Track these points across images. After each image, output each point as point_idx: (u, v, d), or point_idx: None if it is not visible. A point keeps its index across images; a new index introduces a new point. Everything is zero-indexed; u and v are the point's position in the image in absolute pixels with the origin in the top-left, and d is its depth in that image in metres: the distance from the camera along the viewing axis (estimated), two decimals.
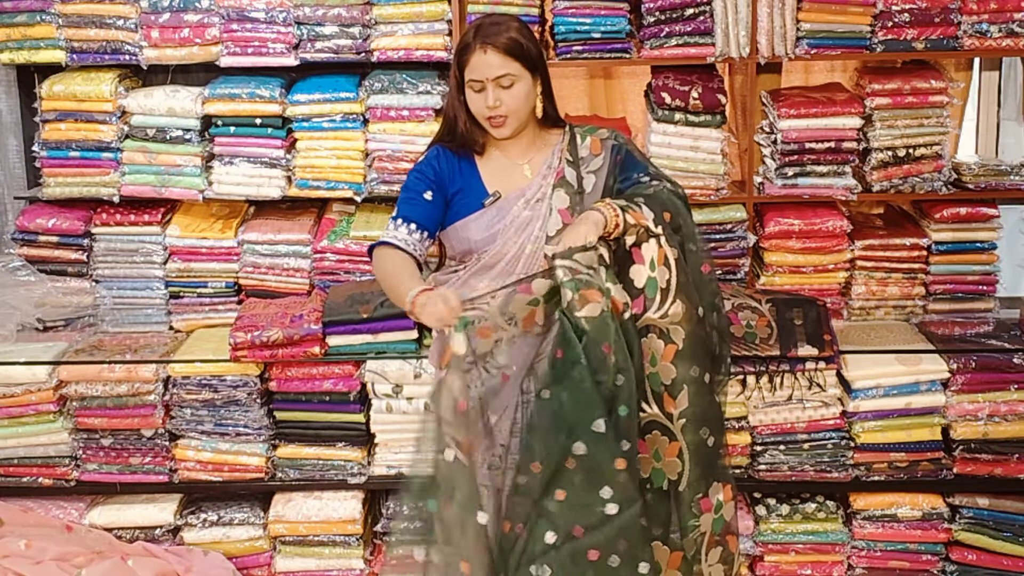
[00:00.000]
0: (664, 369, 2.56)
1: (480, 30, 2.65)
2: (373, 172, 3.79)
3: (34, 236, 3.89)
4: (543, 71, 2.72)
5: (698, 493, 2.59)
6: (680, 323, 2.56)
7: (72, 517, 3.65)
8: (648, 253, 2.56)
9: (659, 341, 2.55)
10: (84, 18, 3.77)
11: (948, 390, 3.54)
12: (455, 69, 2.70)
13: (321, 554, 3.65)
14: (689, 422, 2.57)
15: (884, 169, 3.76)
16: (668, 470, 2.58)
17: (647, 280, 2.55)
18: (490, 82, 2.63)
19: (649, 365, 2.56)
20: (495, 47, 2.62)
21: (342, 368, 3.58)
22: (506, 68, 2.63)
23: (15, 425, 3.61)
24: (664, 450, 2.58)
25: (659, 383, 2.56)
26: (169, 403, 3.61)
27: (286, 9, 3.75)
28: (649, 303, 2.54)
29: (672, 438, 2.58)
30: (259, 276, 3.87)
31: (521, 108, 2.68)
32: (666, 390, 2.56)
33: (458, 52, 2.68)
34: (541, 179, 2.75)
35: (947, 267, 3.84)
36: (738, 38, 3.70)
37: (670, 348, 2.55)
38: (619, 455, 2.42)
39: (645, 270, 2.55)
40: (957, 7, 3.68)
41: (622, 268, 2.57)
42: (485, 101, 2.65)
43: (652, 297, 2.54)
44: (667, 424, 2.57)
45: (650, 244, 2.56)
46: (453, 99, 2.74)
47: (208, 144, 3.82)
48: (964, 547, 3.59)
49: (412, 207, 2.72)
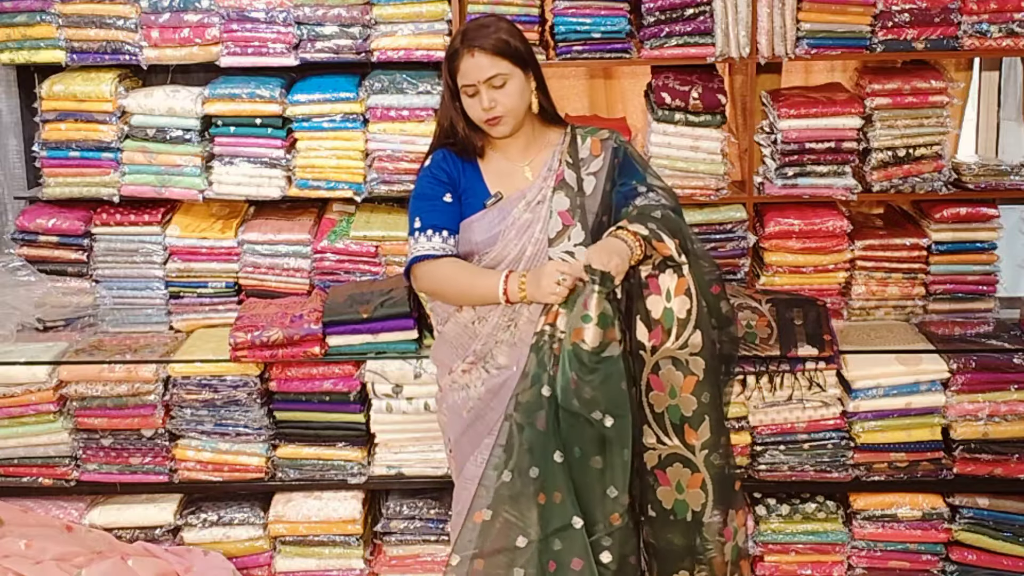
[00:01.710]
0: (685, 401, 2.56)
1: (466, 35, 2.67)
2: (373, 172, 3.79)
3: (34, 236, 3.89)
4: (534, 66, 2.72)
5: (721, 523, 2.61)
6: (700, 353, 2.55)
7: (72, 517, 3.65)
8: (665, 283, 2.55)
9: (678, 373, 2.55)
10: (84, 18, 3.77)
11: (948, 390, 3.54)
12: (447, 78, 2.71)
13: (321, 554, 3.65)
14: (711, 452, 2.58)
15: (884, 169, 3.76)
16: (692, 501, 2.59)
17: (663, 311, 2.54)
18: (482, 84, 2.64)
19: (668, 397, 2.56)
20: (482, 49, 2.63)
21: (342, 368, 3.58)
22: (496, 68, 2.64)
23: (15, 425, 3.60)
24: (687, 481, 2.59)
25: (679, 416, 2.56)
26: (169, 403, 3.61)
27: (286, 9, 3.75)
28: (667, 335, 2.54)
29: (694, 469, 2.58)
30: (259, 276, 3.87)
31: (516, 106, 2.68)
32: (687, 422, 2.56)
33: (447, 59, 2.70)
34: (542, 181, 2.75)
35: (947, 267, 3.84)
36: (738, 38, 3.70)
37: (690, 380, 2.55)
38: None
39: (662, 300, 2.54)
40: (957, 7, 3.68)
41: (636, 297, 2.56)
42: (480, 104, 2.66)
43: (669, 328, 2.53)
44: (689, 456, 2.57)
45: (667, 274, 2.55)
46: (448, 107, 2.74)
47: (208, 144, 3.82)
48: (964, 547, 3.58)
49: (438, 215, 2.72)
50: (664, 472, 2.59)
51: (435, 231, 2.70)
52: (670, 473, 2.59)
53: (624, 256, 2.50)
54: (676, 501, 2.59)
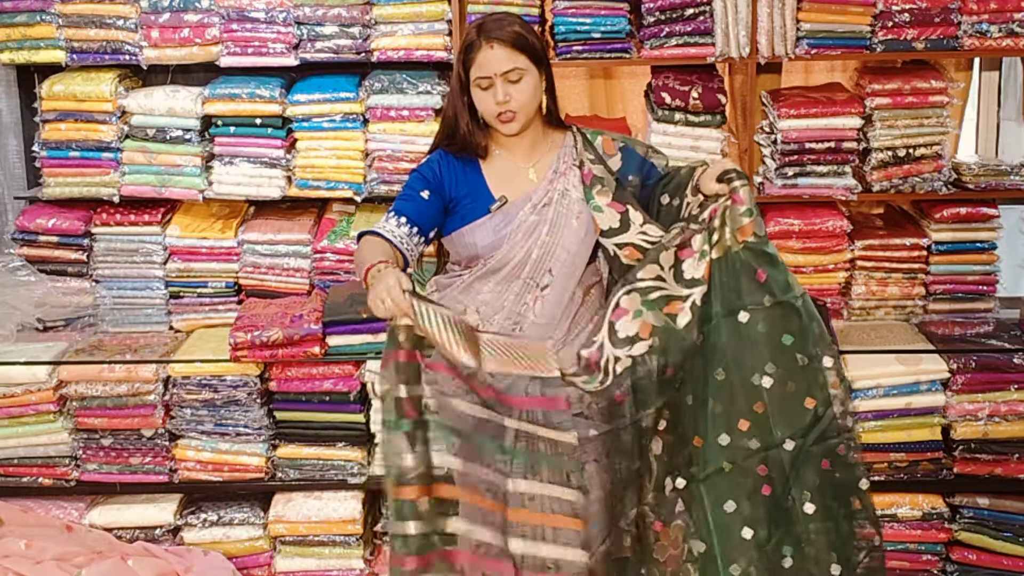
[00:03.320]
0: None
1: (483, 27, 2.65)
2: (373, 172, 3.79)
3: (34, 236, 3.89)
4: (547, 67, 2.72)
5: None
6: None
7: (72, 517, 3.65)
8: (697, 245, 2.58)
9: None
10: (84, 18, 3.77)
11: (948, 390, 3.54)
12: (459, 69, 2.69)
13: (321, 554, 3.65)
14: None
15: (884, 169, 3.76)
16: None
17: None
18: (498, 77, 2.63)
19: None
20: (501, 41, 2.62)
21: (342, 368, 3.58)
22: (514, 62, 2.63)
23: (15, 425, 3.60)
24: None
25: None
26: (169, 403, 3.61)
27: (286, 9, 3.75)
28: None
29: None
30: (259, 276, 3.87)
31: (530, 102, 2.68)
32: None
33: (462, 52, 2.67)
34: (547, 183, 2.74)
35: (947, 267, 3.84)
36: (738, 38, 3.70)
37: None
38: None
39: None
40: (957, 7, 3.68)
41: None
42: (495, 97, 2.64)
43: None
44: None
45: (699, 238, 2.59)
46: (455, 100, 2.73)
47: (208, 144, 3.82)
48: (964, 547, 3.58)
49: (406, 203, 2.71)
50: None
51: (396, 216, 2.68)
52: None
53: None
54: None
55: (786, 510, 2.53)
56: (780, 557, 2.54)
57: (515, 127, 2.68)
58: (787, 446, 2.51)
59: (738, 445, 2.53)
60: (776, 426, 2.52)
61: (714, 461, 2.54)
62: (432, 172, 2.75)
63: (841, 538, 2.56)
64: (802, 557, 2.54)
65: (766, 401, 2.51)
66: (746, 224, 2.52)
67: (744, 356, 2.53)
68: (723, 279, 2.55)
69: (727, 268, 2.55)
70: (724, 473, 2.53)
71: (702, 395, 2.55)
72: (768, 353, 2.52)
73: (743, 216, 2.52)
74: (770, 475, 2.52)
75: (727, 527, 2.53)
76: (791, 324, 2.52)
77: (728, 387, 2.53)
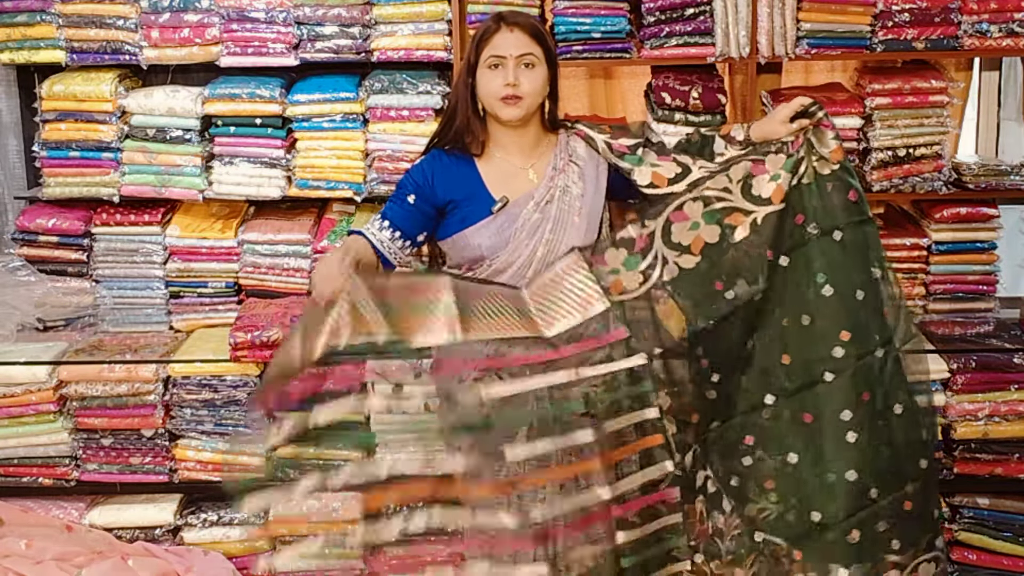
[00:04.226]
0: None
1: (503, 15, 2.71)
2: (373, 172, 3.79)
3: (34, 236, 3.89)
4: (555, 69, 2.74)
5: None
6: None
7: (72, 517, 3.65)
8: (771, 164, 2.68)
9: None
10: (84, 18, 3.77)
11: (948, 390, 3.54)
12: (471, 52, 2.70)
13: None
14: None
15: (884, 169, 3.76)
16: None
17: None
18: (512, 59, 2.64)
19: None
20: (521, 27, 2.67)
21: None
22: (530, 48, 2.67)
23: (15, 425, 3.60)
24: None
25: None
26: (169, 403, 3.61)
27: (286, 9, 3.75)
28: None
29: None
30: (259, 276, 3.87)
31: (537, 93, 2.69)
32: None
33: (479, 36, 2.69)
34: (548, 180, 2.74)
35: (947, 267, 3.84)
36: (738, 38, 3.70)
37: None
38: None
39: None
40: (957, 7, 3.68)
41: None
42: (504, 78, 2.64)
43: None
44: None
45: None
46: (460, 84, 2.73)
47: (208, 144, 3.82)
48: (964, 547, 3.59)
49: (392, 207, 2.74)
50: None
51: (382, 220, 2.72)
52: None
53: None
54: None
55: (880, 411, 2.63)
56: (877, 455, 2.63)
57: (517, 112, 2.67)
58: (878, 353, 2.62)
59: (840, 355, 2.61)
60: (870, 336, 2.63)
61: (813, 374, 2.63)
62: (422, 176, 2.74)
63: (926, 433, 2.72)
64: (894, 454, 2.65)
65: (860, 313, 2.63)
66: (837, 147, 2.66)
67: (842, 271, 2.63)
68: (816, 202, 2.65)
69: (819, 191, 2.66)
70: (827, 383, 2.62)
71: (798, 314, 2.64)
72: (861, 266, 2.64)
73: (834, 140, 2.66)
74: (868, 381, 2.62)
75: (835, 433, 2.61)
76: (871, 238, 2.66)
77: (833, 302, 2.62)
